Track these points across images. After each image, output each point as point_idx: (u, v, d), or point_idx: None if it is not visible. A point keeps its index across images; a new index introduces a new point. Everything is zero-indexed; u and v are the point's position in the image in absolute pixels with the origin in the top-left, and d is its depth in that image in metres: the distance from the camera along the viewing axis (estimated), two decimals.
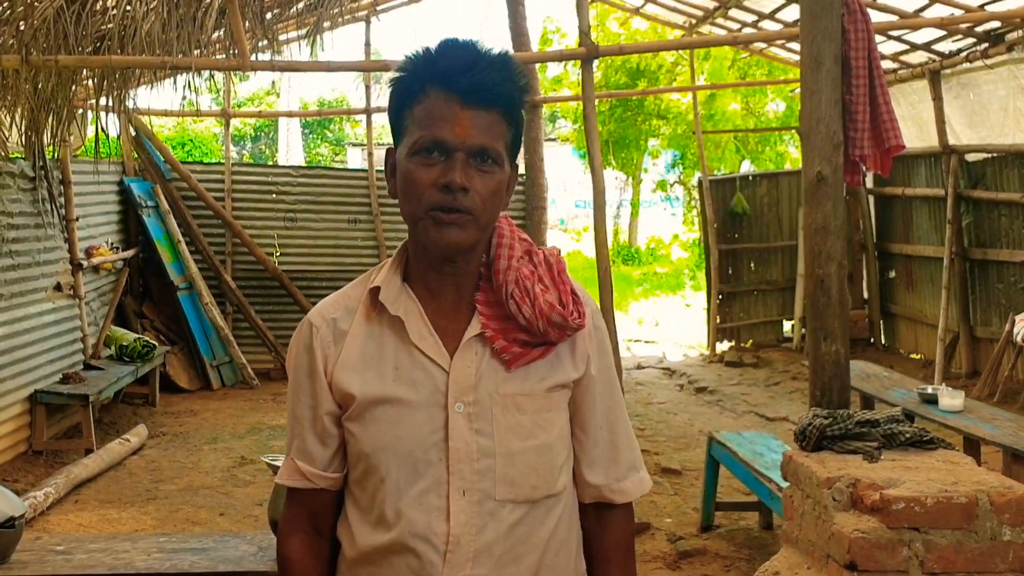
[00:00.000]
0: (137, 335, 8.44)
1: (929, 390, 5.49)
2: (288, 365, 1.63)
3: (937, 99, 8.40)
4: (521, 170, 10.61)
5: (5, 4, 5.72)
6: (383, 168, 1.61)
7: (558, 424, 1.56)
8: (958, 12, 7.12)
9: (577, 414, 1.60)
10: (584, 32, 5.64)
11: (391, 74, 1.53)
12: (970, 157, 8.43)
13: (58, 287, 7.33)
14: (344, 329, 1.55)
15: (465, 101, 1.45)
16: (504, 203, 1.53)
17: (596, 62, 5.89)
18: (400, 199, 1.52)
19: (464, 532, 1.48)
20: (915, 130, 8.97)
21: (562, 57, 10.29)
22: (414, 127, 1.48)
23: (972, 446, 4.91)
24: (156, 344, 8.39)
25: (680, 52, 14.21)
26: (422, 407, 1.49)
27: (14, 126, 6.71)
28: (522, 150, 10.39)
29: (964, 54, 7.85)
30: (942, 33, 7.86)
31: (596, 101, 6.15)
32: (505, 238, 1.56)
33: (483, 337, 1.51)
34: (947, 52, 8.20)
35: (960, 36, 7.76)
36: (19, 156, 6.97)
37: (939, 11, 7.34)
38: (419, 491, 1.48)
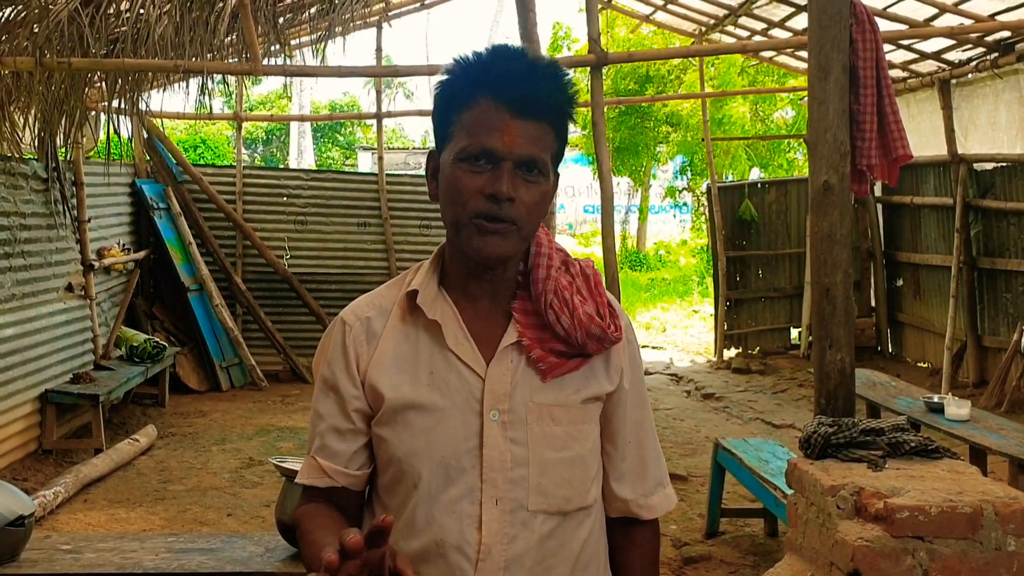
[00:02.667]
0: (147, 336, 8.48)
1: (935, 399, 5.48)
2: (316, 363, 1.61)
3: (946, 108, 8.40)
4: None
5: (20, 7, 5.77)
6: (423, 172, 1.59)
7: (592, 436, 1.55)
8: (968, 22, 7.13)
9: (607, 427, 1.59)
10: (593, 39, 5.67)
11: (439, 76, 1.52)
12: (979, 166, 8.42)
13: (69, 288, 7.37)
14: (377, 329, 1.54)
15: (516, 111, 1.43)
16: (545, 212, 1.52)
17: (605, 69, 5.90)
18: (442, 204, 1.50)
19: (496, 542, 1.46)
20: (924, 139, 8.96)
21: (571, 64, 10.26)
22: (462, 133, 1.46)
23: (978, 456, 4.91)
24: (166, 345, 8.43)
25: (690, 59, 14.21)
26: (457, 413, 1.48)
27: (27, 127, 6.77)
28: None
29: (974, 63, 7.86)
30: (952, 42, 7.87)
31: (605, 107, 6.17)
32: (544, 247, 1.55)
33: (519, 346, 1.50)
34: (957, 61, 8.20)
35: (970, 45, 7.76)
36: (32, 157, 7.02)
37: (949, 20, 7.35)
38: (451, 498, 1.47)
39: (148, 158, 9.52)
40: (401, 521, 1.50)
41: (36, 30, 5.65)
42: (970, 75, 8.05)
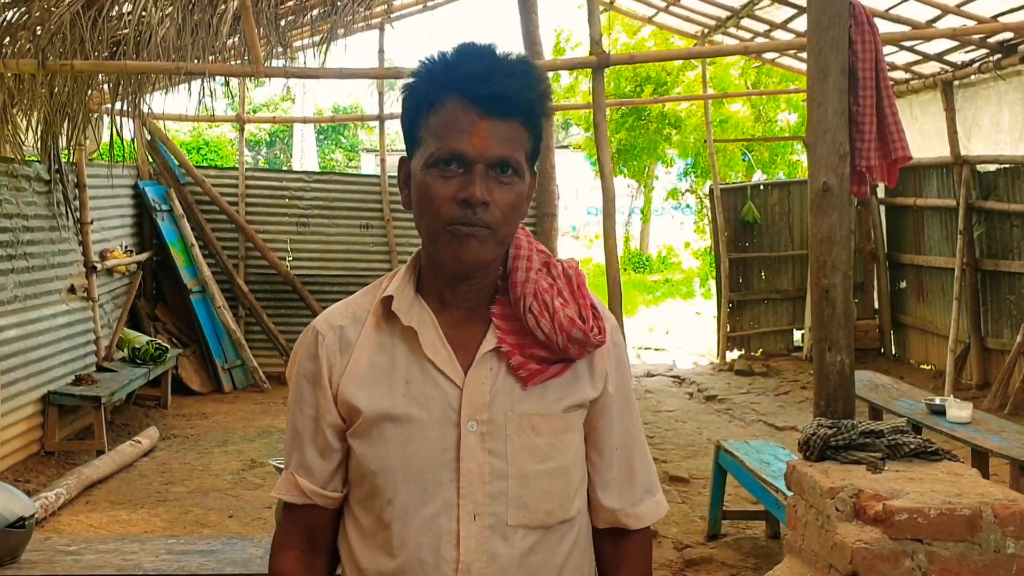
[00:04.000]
0: (150, 338, 8.50)
1: (937, 401, 5.47)
2: (289, 374, 1.55)
3: (949, 109, 8.39)
4: None
5: (22, 9, 5.79)
6: (396, 176, 1.54)
7: (574, 446, 1.49)
8: (970, 23, 7.12)
9: (592, 434, 1.53)
10: (595, 41, 5.67)
11: (405, 81, 1.47)
12: (982, 168, 8.41)
13: (72, 289, 7.39)
14: (351, 339, 1.48)
15: (484, 111, 1.37)
16: (523, 213, 1.46)
17: (606, 71, 5.91)
18: (415, 213, 1.44)
19: (475, 559, 1.40)
20: (927, 140, 8.95)
21: (573, 66, 10.29)
22: (430, 138, 1.40)
23: (980, 458, 4.90)
24: (168, 347, 8.44)
25: (691, 61, 14.21)
26: (433, 425, 1.41)
27: (30, 130, 6.78)
28: None
29: (977, 65, 7.85)
30: (955, 44, 7.86)
31: (607, 109, 6.17)
32: (523, 249, 1.49)
33: (499, 352, 1.44)
34: (959, 63, 8.19)
35: (973, 47, 7.76)
36: (35, 159, 7.04)
37: (951, 22, 7.34)
38: (428, 515, 1.41)
39: (151, 160, 9.54)
40: (377, 540, 1.45)
41: (39, 32, 5.66)
42: (973, 76, 8.03)
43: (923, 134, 8.96)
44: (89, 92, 6.78)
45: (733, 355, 10.91)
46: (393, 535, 1.42)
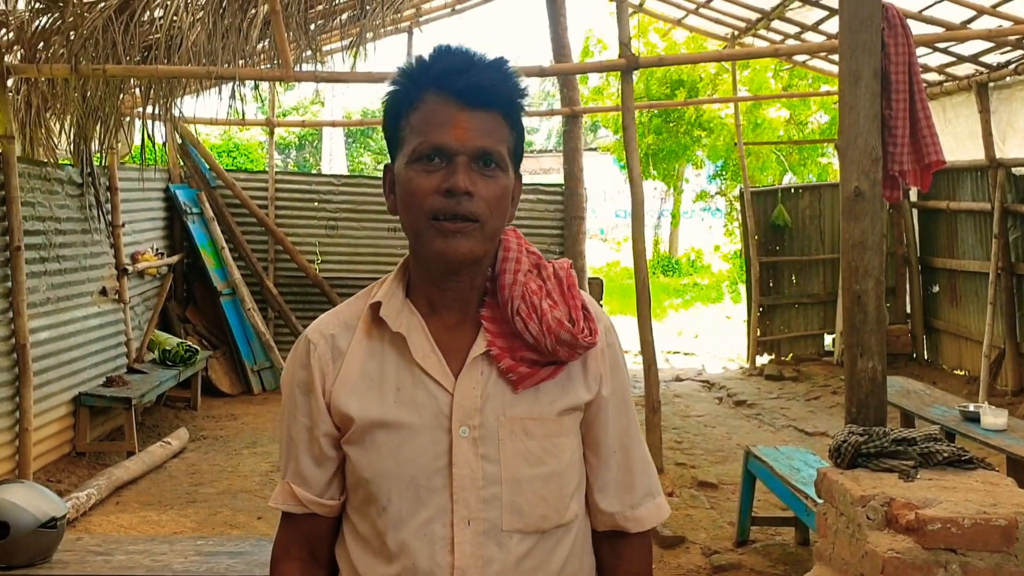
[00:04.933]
0: (180, 339, 8.58)
1: (971, 408, 5.38)
2: (283, 383, 1.54)
3: (984, 112, 8.27)
4: (560, 180, 10.63)
5: (56, 15, 5.86)
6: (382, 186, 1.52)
7: (569, 449, 1.47)
8: (1006, 24, 7.01)
9: (589, 436, 1.51)
10: (624, 43, 5.65)
11: (385, 87, 1.47)
12: (1017, 171, 8.29)
13: (104, 292, 7.47)
14: (343, 346, 1.47)
15: (464, 103, 1.38)
16: (510, 214, 1.46)
17: (636, 73, 5.89)
18: (400, 211, 1.44)
19: (470, 565, 1.40)
20: (960, 143, 8.84)
21: (602, 68, 10.26)
22: (412, 135, 1.40)
23: (1016, 467, 4.81)
24: (199, 349, 8.51)
25: (723, 63, 14.15)
26: (425, 431, 1.41)
27: (63, 133, 6.87)
28: (561, 160, 10.41)
29: (1012, 66, 7.74)
30: (989, 45, 7.75)
31: (636, 112, 6.15)
32: (512, 251, 1.48)
33: (489, 356, 1.43)
34: (995, 64, 8.07)
35: (1008, 48, 7.64)
36: (68, 163, 7.12)
37: (986, 23, 7.24)
38: (422, 521, 1.41)
39: (182, 163, 9.63)
40: (373, 546, 1.45)
41: (72, 38, 5.73)
42: (1008, 78, 7.92)
43: (956, 137, 8.84)
44: (121, 96, 6.85)
45: (763, 360, 10.83)
46: (388, 541, 1.42)
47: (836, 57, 9.48)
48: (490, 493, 1.41)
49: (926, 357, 10.25)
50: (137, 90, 7.16)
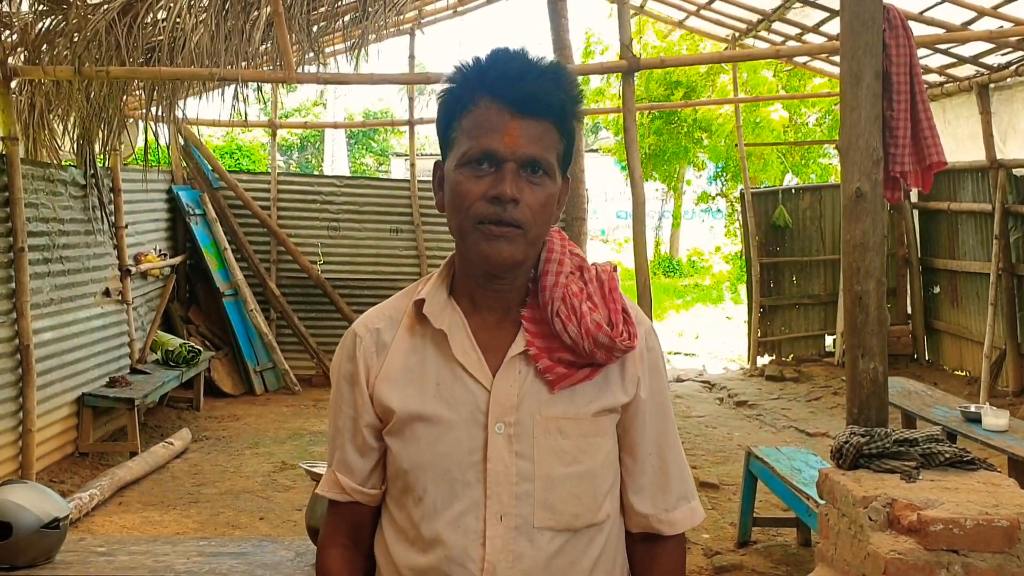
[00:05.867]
0: (183, 340, 8.59)
1: (972, 408, 5.39)
2: (332, 374, 1.59)
3: (985, 113, 8.28)
4: None
5: (59, 17, 5.87)
6: (431, 180, 1.55)
7: (604, 450, 1.49)
8: (1007, 25, 7.02)
9: (625, 439, 1.53)
10: (625, 45, 5.66)
11: (440, 85, 1.49)
12: (1018, 172, 8.29)
13: (107, 292, 7.48)
14: (387, 341, 1.51)
15: (516, 111, 1.40)
16: (555, 217, 1.49)
17: (636, 74, 5.89)
18: (448, 212, 1.47)
19: (500, 559, 1.42)
20: (961, 144, 8.84)
21: (603, 70, 10.27)
22: (463, 138, 1.42)
23: (1017, 467, 4.82)
24: (201, 349, 8.52)
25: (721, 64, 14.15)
26: (461, 426, 1.44)
27: (67, 135, 6.88)
28: None
29: (1013, 67, 7.74)
30: (990, 46, 7.75)
31: (637, 113, 6.15)
32: (555, 253, 1.51)
33: (527, 355, 1.45)
34: (995, 65, 8.08)
35: (1009, 49, 7.65)
36: (71, 164, 7.13)
37: (987, 24, 7.24)
38: (456, 513, 1.44)
39: (184, 164, 9.64)
40: (409, 536, 1.48)
41: (75, 40, 5.74)
42: (1009, 80, 7.92)
43: (956, 138, 8.85)
44: (124, 98, 6.87)
45: (764, 360, 10.83)
46: (423, 532, 1.46)
47: (837, 58, 9.49)
48: (523, 489, 1.43)
49: (927, 358, 10.26)
50: (140, 92, 7.17)
